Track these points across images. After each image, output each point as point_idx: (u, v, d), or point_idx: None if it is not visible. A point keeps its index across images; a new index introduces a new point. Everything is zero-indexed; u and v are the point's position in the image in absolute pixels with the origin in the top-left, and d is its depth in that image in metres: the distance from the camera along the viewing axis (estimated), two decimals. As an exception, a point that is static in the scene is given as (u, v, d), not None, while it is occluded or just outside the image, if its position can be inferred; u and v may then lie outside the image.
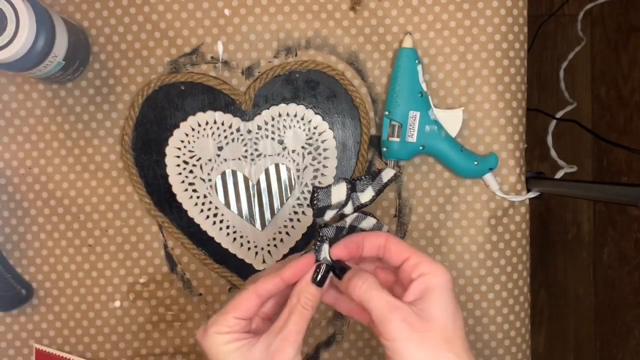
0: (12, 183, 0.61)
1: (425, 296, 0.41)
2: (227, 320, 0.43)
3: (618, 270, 1.38)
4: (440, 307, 0.41)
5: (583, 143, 1.36)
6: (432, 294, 0.41)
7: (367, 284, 0.42)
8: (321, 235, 0.44)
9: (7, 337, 0.62)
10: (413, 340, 0.40)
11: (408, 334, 0.40)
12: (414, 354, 0.40)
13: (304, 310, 0.43)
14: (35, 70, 0.52)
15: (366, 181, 0.45)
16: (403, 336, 0.40)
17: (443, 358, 0.40)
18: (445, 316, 0.41)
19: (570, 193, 0.58)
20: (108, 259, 0.62)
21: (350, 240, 0.45)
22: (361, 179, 0.45)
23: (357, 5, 0.60)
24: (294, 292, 0.44)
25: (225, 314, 0.43)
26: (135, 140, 0.61)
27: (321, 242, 0.44)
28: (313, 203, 0.43)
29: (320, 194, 0.43)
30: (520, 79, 0.62)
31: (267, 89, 0.60)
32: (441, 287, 0.41)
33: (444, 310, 0.41)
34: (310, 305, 0.43)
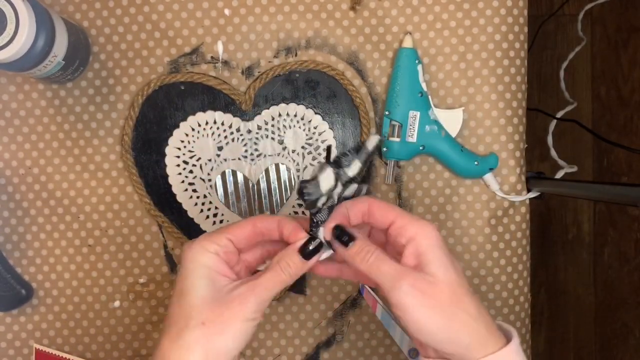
0: (11, 183, 0.61)
1: (423, 260, 0.41)
2: (219, 238, 0.42)
3: (618, 271, 1.38)
4: (440, 267, 0.41)
5: (583, 143, 1.36)
6: (428, 256, 0.41)
7: (374, 257, 0.41)
8: (315, 221, 0.43)
9: (7, 337, 0.62)
10: (425, 306, 0.40)
11: (420, 301, 0.40)
12: (428, 318, 0.40)
13: (280, 273, 0.42)
14: (35, 70, 0.52)
15: (351, 155, 0.43)
16: (415, 303, 0.40)
17: (456, 318, 0.40)
18: (448, 275, 0.41)
19: (571, 193, 0.58)
20: (108, 259, 0.62)
21: (336, 213, 0.44)
22: (346, 154, 0.43)
23: (357, 5, 0.60)
24: (279, 253, 0.43)
25: (218, 232, 0.43)
26: (135, 140, 0.61)
27: (316, 226, 0.43)
28: (304, 198, 0.42)
29: (310, 188, 0.42)
30: (521, 79, 0.62)
31: (267, 89, 0.60)
32: (433, 247, 0.41)
33: (445, 270, 0.41)
34: (288, 271, 0.42)
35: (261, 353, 0.62)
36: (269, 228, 0.44)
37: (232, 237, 0.43)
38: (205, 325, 0.40)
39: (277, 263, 0.42)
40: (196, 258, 0.42)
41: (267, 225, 0.44)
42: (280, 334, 0.62)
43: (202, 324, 0.40)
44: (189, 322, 0.40)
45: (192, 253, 0.42)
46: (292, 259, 0.43)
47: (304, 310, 0.62)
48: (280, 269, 0.42)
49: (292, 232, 0.43)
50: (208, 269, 0.42)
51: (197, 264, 0.42)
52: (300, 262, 0.43)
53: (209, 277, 0.41)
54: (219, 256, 0.42)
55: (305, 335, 0.62)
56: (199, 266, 0.42)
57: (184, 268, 0.42)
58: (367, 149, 0.43)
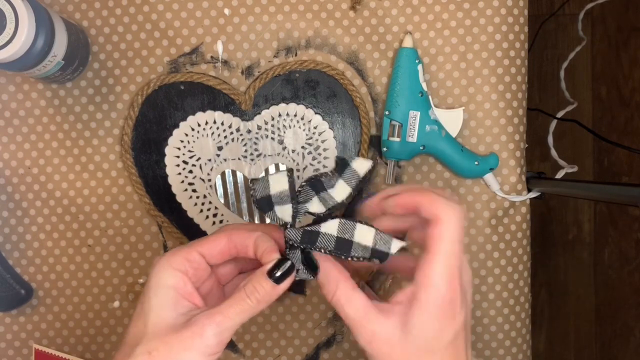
0: (11, 183, 0.61)
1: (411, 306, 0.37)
2: (189, 253, 0.38)
3: (619, 271, 1.37)
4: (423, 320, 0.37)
5: (583, 143, 1.36)
6: (417, 307, 0.37)
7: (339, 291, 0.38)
8: (286, 238, 0.39)
9: (6, 337, 0.62)
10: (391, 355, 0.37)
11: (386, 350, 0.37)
12: None
13: (245, 298, 0.37)
14: (34, 70, 0.52)
15: (332, 175, 0.38)
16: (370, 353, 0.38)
17: None
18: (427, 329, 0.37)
19: (571, 193, 0.58)
20: (107, 259, 0.61)
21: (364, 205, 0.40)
22: (326, 174, 0.38)
23: (357, 5, 0.60)
24: (248, 277, 0.39)
25: (190, 247, 0.39)
26: (134, 140, 0.60)
27: (290, 248, 0.39)
28: (251, 195, 0.39)
29: (257, 185, 0.38)
30: (521, 79, 0.61)
31: (267, 88, 0.60)
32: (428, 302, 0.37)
33: (426, 324, 0.37)
34: (256, 297, 0.37)
35: (261, 353, 0.62)
36: (244, 244, 0.40)
37: (205, 251, 0.39)
38: (151, 355, 0.36)
39: (242, 288, 0.38)
40: (160, 276, 0.38)
41: (242, 241, 0.40)
42: (280, 334, 0.62)
43: (149, 353, 0.36)
44: (135, 349, 0.36)
45: (157, 269, 0.38)
46: (260, 283, 0.38)
47: (304, 311, 0.62)
48: (246, 295, 0.37)
49: (265, 252, 0.39)
50: (170, 290, 0.38)
51: (160, 283, 0.38)
52: (270, 287, 0.38)
53: (170, 300, 0.37)
54: (186, 275, 0.38)
55: (305, 336, 0.62)
56: (161, 286, 0.38)
57: (147, 286, 0.38)
58: (358, 174, 0.39)
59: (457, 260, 0.38)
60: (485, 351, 0.62)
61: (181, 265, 0.38)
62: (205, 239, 0.40)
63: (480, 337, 0.62)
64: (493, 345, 0.62)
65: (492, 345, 0.62)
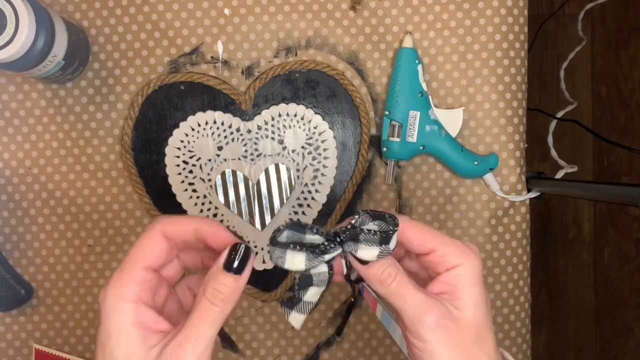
0: (11, 183, 0.61)
1: (456, 293, 0.37)
2: (132, 274, 0.34)
3: (618, 271, 1.37)
4: (471, 305, 0.37)
5: (583, 143, 1.36)
6: (463, 291, 0.37)
7: (397, 282, 0.37)
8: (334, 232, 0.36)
9: (6, 337, 0.62)
10: (448, 345, 0.36)
11: (443, 339, 0.36)
12: (445, 355, 0.36)
13: (210, 307, 0.33)
14: (34, 70, 0.52)
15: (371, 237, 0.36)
16: (438, 340, 0.36)
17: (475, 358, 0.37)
18: (478, 314, 0.37)
19: (571, 193, 0.58)
20: (107, 259, 0.61)
21: None
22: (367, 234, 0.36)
23: (357, 5, 0.60)
24: (204, 279, 0.35)
25: (129, 265, 0.34)
26: (134, 140, 0.61)
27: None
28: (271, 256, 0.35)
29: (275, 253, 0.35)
30: (521, 79, 0.61)
31: (267, 88, 0.60)
32: (472, 284, 0.37)
33: (475, 308, 0.37)
34: (220, 299, 0.33)
35: (261, 353, 0.62)
36: (183, 235, 0.36)
37: (147, 263, 0.35)
38: None
39: (203, 295, 0.34)
40: (116, 317, 0.33)
41: (180, 233, 0.36)
42: (280, 334, 0.62)
43: None
44: None
45: (109, 310, 0.33)
46: (219, 282, 0.34)
47: (304, 311, 0.62)
48: (209, 302, 0.33)
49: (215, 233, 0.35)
50: (132, 330, 0.33)
51: (118, 327, 0.33)
52: (232, 281, 0.34)
53: (135, 342, 0.33)
54: (141, 303, 0.34)
55: (305, 336, 0.62)
56: (121, 329, 0.33)
57: (104, 331, 0.33)
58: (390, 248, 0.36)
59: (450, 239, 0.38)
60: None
61: (133, 293, 0.34)
62: (142, 247, 0.35)
63: (480, 337, 0.62)
64: (493, 345, 0.62)
65: (492, 345, 0.62)
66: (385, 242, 0.36)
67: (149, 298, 0.35)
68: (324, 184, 0.61)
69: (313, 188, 0.61)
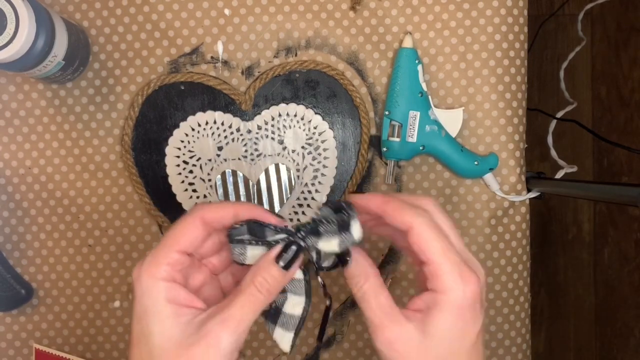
0: (11, 183, 0.61)
1: (428, 316, 0.36)
2: (166, 256, 0.35)
3: (618, 271, 1.38)
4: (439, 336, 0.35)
5: (583, 143, 1.36)
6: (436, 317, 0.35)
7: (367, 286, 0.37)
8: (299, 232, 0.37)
9: (6, 337, 0.62)
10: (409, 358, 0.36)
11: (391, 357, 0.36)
12: None
13: (256, 293, 0.35)
14: (35, 70, 0.52)
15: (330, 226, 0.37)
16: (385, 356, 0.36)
17: None
18: (442, 348, 0.35)
19: (571, 193, 0.58)
20: (108, 259, 0.62)
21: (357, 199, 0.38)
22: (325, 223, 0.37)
23: (357, 5, 0.60)
24: (252, 269, 0.36)
25: (164, 247, 0.35)
26: (135, 140, 0.61)
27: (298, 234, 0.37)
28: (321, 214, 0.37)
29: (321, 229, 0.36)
30: (521, 79, 0.62)
31: (267, 88, 0.60)
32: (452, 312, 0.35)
33: (442, 342, 0.35)
34: (266, 288, 0.35)
35: (261, 353, 0.62)
36: (222, 220, 0.37)
37: (182, 247, 0.36)
38: None
39: (250, 282, 0.35)
40: (150, 294, 0.34)
41: (219, 217, 0.37)
42: (280, 334, 0.62)
43: None
44: None
45: (143, 287, 0.35)
46: (269, 272, 0.36)
47: (304, 310, 0.62)
48: (257, 289, 0.35)
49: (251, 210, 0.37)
50: (167, 306, 0.35)
51: (153, 303, 0.34)
52: (280, 274, 0.36)
53: (170, 317, 0.34)
54: (174, 282, 0.35)
55: (305, 335, 0.62)
56: (156, 305, 0.34)
57: (139, 307, 0.35)
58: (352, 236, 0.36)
59: (456, 255, 0.36)
60: (485, 351, 0.62)
61: (166, 273, 0.35)
62: (179, 231, 0.36)
63: (480, 337, 0.62)
64: (493, 345, 0.62)
65: (492, 345, 0.62)
66: (345, 229, 0.36)
67: (181, 279, 0.36)
68: (324, 184, 0.61)
69: (313, 188, 0.61)
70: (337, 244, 0.36)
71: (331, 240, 0.36)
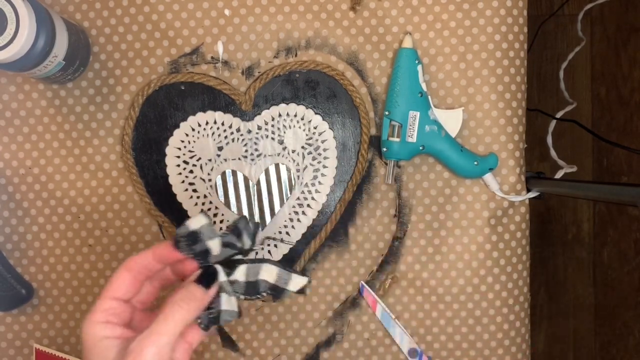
0: (12, 183, 0.61)
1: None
2: (102, 304, 0.41)
3: (618, 270, 1.38)
4: None
5: (583, 143, 1.36)
6: None
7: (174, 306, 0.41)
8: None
9: (7, 337, 0.62)
10: None
11: None
12: None
13: (177, 309, 0.40)
14: (35, 70, 0.52)
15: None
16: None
17: None
18: None
19: (570, 193, 0.58)
20: (108, 259, 0.62)
21: None
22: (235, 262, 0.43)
23: (357, 6, 0.60)
24: (176, 290, 0.41)
25: (100, 297, 0.42)
26: (135, 140, 0.61)
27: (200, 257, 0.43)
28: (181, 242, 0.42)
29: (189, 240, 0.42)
30: (520, 79, 0.62)
31: (267, 89, 0.61)
32: None
33: None
34: (186, 305, 0.40)
35: (261, 353, 0.62)
36: (146, 266, 0.43)
37: (112, 295, 0.42)
38: None
39: (171, 300, 0.40)
40: (92, 333, 0.41)
41: (144, 264, 0.42)
42: (280, 334, 0.62)
43: None
44: None
45: (84, 331, 0.41)
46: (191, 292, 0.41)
47: (304, 310, 0.62)
48: (177, 305, 0.40)
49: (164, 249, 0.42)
50: (100, 341, 0.40)
51: (95, 340, 0.40)
52: (201, 294, 0.41)
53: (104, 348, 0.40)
54: (109, 323, 0.41)
55: (305, 335, 0.62)
56: (96, 340, 0.40)
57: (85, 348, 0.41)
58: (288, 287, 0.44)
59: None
60: (485, 350, 0.62)
61: (102, 318, 0.41)
62: (110, 283, 0.42)
63: (480, 337, 0.62)
64: (492, 344, 0.62)
65: (492, 345, 0.62)
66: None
67: (118, 320, 0.42)
68: (324, 184, 0.61)
69: (313, 188, 0.61)
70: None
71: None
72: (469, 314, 0.62)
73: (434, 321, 0.62)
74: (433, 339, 0.63)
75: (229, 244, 0.42)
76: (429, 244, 0.62)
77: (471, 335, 0.62)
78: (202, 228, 0.41)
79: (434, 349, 0.63)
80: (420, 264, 0.62)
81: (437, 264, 0.62)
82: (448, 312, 0.62)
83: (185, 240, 0.41)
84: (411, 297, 0.62)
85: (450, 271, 0.62)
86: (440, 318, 0.62)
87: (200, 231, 0.41)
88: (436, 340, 0.63)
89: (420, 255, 0.62)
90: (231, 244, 0.42)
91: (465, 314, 0.62)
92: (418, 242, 0.62)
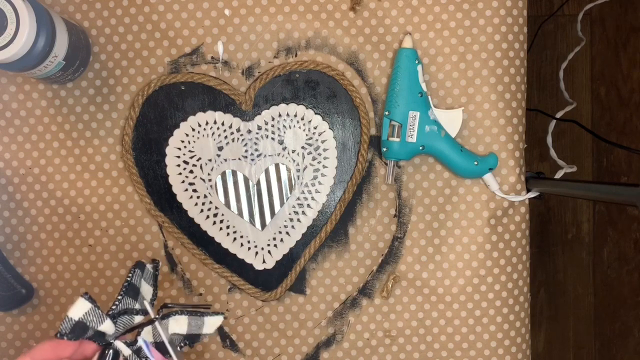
0: (12, 183, 0.61)
1: None
2: None
3: (618, 270, 1.38)
4: None
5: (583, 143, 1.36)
6: None
7: None
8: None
9: (7, 337, 0.62)
10: None
11: None
12: None
13: None
14: (35, 71, 0.52)
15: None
16: None
17: None
18: None
19: (570, 193, 0.58)
20: (108, 258, 0.62)
21: None
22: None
23: (357, 6, 0.60)
24: None
25: None
26: (135, 140, 0.61)
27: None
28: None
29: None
30: (520, 79, 0.62)
31: (267, 89, 0.61)
32: None
33: None
34: None
35: (261, 353, 0.62)
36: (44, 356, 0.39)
37: None
38: None
39: None
40: None
41: (40, 356, 0.39)
42: (280, 334, 0.62)
43: None
44: None
45: None
46: None
47: (304, 310, 0.62)
48: None
49: (42, 353, 0.39)
50: None
51: None
52: None
53: None
54: None
55: (305, 335, 0.62)
56: None
57: None
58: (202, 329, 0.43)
59: None
60: (485, 351, 0.62)
61: None
62: None
63: (480, 337, 0.62)
64: (492, 344, 0.62)
65: (492, 345, 0.62)
66: None
67: None
68: (324, 184, 0.61)
69: (313, 188, 0.61)
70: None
71: None
72: (469, 314, 0.62)
73: (434, 321, 0.62)
74: (433, 339, 0.63)
75: (125, 312, 0.40)
76: (429, 244, 0.62)
77: (471, 335, 0.62)
78: (86, 315, 0.38)
79: (434, 349, 0.63)
80: (420, 264, 0.62)
81: (437, 264, 0.62)
82: (448, 312, 0.62)
83: (71, 335, 0.38)
84: (411, 297, 0.62)
85: (450, 271, 0.62)
86: (440, 318, 0.62)
87: (85, 319, 0.38)
88: (436, 340, 0.63)
89: (420, 255, 0.62)
90: (128, 311, 0.41)
91: (465, 314, 0.62)
92: (418, 242, 0.62)
